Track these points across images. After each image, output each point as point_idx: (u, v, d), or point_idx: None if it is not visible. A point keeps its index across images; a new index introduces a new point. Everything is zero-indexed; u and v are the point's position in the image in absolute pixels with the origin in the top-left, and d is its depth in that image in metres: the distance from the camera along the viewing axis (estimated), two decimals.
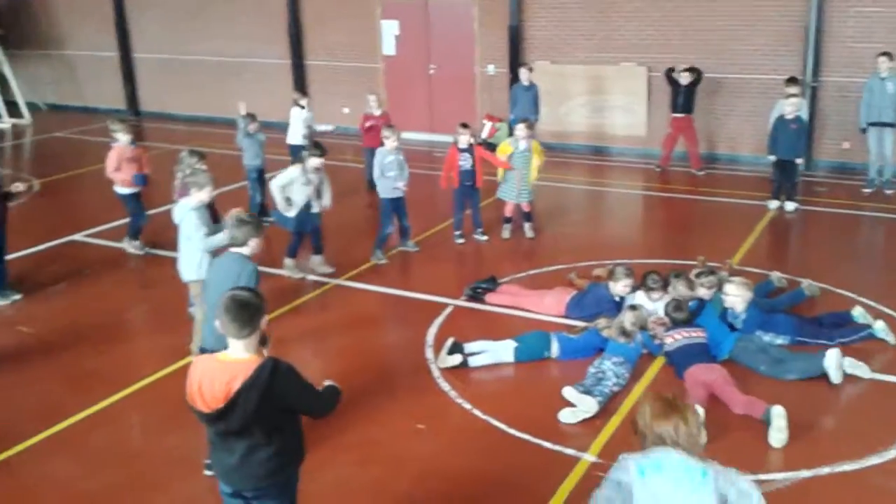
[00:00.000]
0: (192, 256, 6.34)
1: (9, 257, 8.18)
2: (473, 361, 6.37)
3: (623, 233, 10.23)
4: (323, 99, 16.12)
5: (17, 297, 7.93)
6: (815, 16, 11.93)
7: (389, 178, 8.76)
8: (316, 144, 8.50)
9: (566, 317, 7.16)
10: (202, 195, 6.44)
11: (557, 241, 9.46)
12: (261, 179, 10.24)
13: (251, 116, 10.25)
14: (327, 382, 3.77)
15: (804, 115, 10.88)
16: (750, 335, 6.38)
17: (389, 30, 15.66)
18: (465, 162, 9.20)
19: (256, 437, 3.38)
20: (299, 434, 3.60)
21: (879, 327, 6.54)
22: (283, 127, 11.74)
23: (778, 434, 5.12)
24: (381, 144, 11.65)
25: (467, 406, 5.80)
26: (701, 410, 5.17)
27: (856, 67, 11.90)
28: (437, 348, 6.57)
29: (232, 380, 3.30)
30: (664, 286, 6.99)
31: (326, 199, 8.39)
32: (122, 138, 8.85)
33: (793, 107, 10.22)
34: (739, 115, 13.13)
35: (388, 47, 15.78)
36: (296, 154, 11.11)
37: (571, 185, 12.33)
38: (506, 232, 9.59)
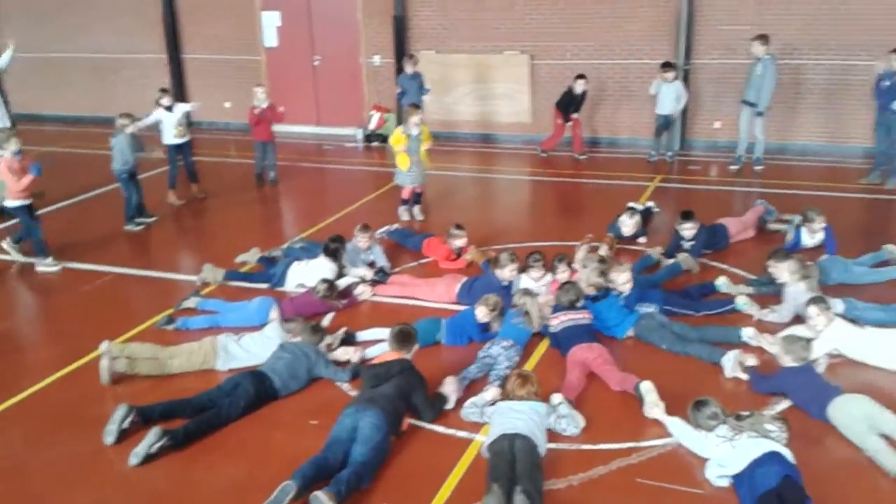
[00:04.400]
0: None
1: None
2: (370, 352, 6.33)
3: (510, 217, 10.38)
4: (203, 94, 15.64)
5: None
6: (686, 1, 12.41)
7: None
8: None
9: (458, 303, 7.23)
10: None
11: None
12: (133, 180, 9.84)
13: (128, 117, 9.72)
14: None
15: (684, 96, 12.03)
16: (653, 314, 6.61)
17: (270, 21, 15.33)
18: None
19: None
20: None
21: (741, 302, 6.86)
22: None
23: (652, 407, 5.30)
24: (271, 137, 11.65)
25: None
26: (557, 398, 5.36)
27: (724, 50, 12.50)
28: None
29: None
30: (544, 266, 7.26)
31: None
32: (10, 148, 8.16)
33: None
34: (619, 99, 13.55)
35: (270, 39, 15.44)
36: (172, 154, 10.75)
37: (460, 173, 12.43)
38: (405, 214, 9.95)
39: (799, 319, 6.42)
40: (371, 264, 8.12)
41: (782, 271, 6.75)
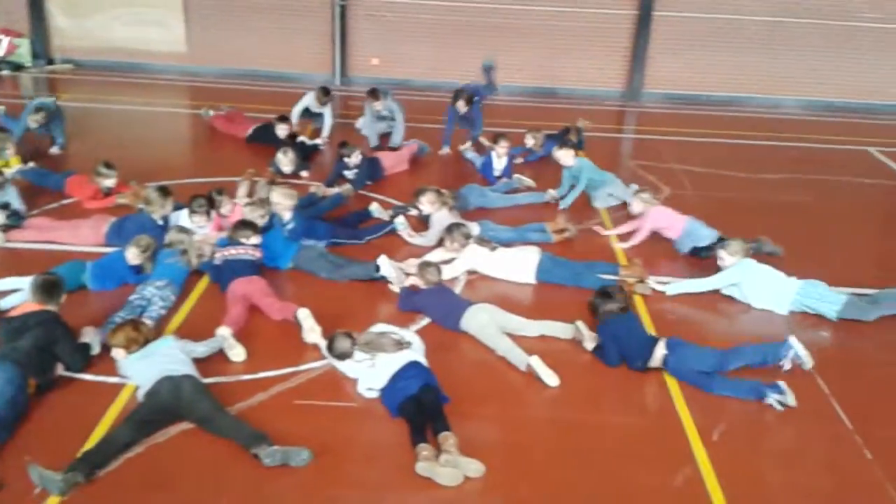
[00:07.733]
0: None
1: None
2: (4, 303, 5.72)
3: (166, 153, 9.88)
4: None
5: None
6: None
7: None
8: None
9: (107, 245, 6.79)
10: None
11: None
12: None
13: None
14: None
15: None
16: (312, 245, 6.79)
17: None
18: None
19: None
20: None
21: (399, 222, 7.42)
22: None
23: (309, 332, 5.51)
24: None
25: None
26: (224, 330, 5.40)
27: None
28: None
29: None
30: (209, 209, 7.02)
31: None
32: None
33: None
34: (276, 31, 13.36)
35: None
36: None
37: (108, 105, 11.49)
38: None
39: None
40: (5, 207, 7.25)
41: (424, 203, 7.35)
